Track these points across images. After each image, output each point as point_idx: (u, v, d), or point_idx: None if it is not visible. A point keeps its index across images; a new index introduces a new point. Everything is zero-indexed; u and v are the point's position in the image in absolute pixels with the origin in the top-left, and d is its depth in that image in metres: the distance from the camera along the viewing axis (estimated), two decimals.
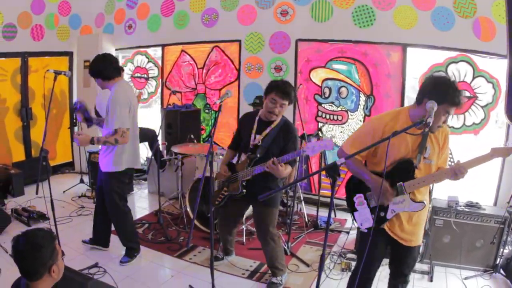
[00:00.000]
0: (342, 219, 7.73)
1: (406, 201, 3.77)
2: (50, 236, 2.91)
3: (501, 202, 6.80)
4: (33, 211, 7.07)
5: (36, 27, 10.12)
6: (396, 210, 3.81)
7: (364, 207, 3.95)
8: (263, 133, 5.02)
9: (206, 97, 9.79)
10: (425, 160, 3.75)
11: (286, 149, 4.88)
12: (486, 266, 5.80)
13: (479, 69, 7.01)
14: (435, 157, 3.78)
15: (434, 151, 3.77)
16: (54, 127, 10.44)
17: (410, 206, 3.78)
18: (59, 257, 2.89)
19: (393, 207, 3.82)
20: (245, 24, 8.94)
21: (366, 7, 7.70)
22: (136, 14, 10.33)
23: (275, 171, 4.63)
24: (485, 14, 6.85)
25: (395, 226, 3.91)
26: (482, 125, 7.09)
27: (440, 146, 3.81)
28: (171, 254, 6.24)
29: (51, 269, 2.82)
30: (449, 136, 3.88)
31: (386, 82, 7.75)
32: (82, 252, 6.00)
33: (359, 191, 4.00)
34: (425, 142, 3.72)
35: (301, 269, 5.90)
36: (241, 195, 5.16)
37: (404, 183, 3.75)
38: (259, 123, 5.10)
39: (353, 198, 4.03)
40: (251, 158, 5.03)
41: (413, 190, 3.77)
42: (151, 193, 9.07)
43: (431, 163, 3.77)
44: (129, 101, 5.53)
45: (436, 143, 3.78)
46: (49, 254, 2.82)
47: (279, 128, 5.01)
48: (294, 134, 5.02)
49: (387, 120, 3.83)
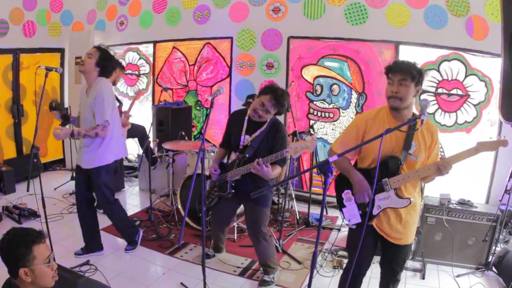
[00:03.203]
0: (333, 217, 7.72)
1: (391, 197, 3.82)
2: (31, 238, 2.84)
3: (493, 200, 6.84)
4: (24, 209, 7.02)
5: (28, 23, 10.08)
6: (382, 206, 3.86)
7: (352, 203, 3.99)
8: (252, 135, 5.01)
9: (197, 94, 9.78)
10: (410, 156, 3.78)
11: (275, 149, 4.85)
12: (478, 264, 5.82)
13: (472, 68, 7.04)
14: (421, 154, 3.79)
15: (420, 148, 3.78)
16: (45, 124, 10.37)
17: (395, 202, 3.82)
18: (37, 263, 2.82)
19: (378, 203, 3.86)
20: (237, 21, 8.93)
21: (358, 4, 7.71)
22: (128, 11, 10.29)
23: (260, 172, 4.64)
24: (478, 13, 6.88)
25: (383, 224, 3.93)
26: (474, 123, 7.13)
27: (427, 144, 3.81)
28: (163, 251, 6.22)
29: (20, 271, 2.77)
30: (437, 134, 3.87)
31: (378, 79, 7.76)
32: (73, 250, 5.94)
33: (347, 187, 4.05)
34: (411, 139, 3.75)
35: (293, 266, 5.91)
36: (230, 195, 5.17)
37: (389, 179, 3.80)
38: (249, 123, 5.09)
39: (342, 194, 4.07)
40: (240, 158, 5.04)
41: (398, 185, 3.80)
42: (142, 190, 9.04)
43: (416, 159, 3.79)
44: (113, 96, 5.65)
45: (423, 140, 3.80)
46: (20, 256, 2.77)
47: (268, 128, 5.00)
48: (283, 134, 5.00)
49: (368, 116, 3.97)
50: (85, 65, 5.38)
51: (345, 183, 4.09)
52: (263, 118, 4.94)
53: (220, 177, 5.25)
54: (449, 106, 7.25)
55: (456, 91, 7.18)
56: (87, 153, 5.55)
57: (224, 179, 5.17)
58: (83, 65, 5.39)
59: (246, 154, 4.99)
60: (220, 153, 5.53)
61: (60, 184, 9.03)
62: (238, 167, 5.01)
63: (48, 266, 2.85)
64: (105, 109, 5.34)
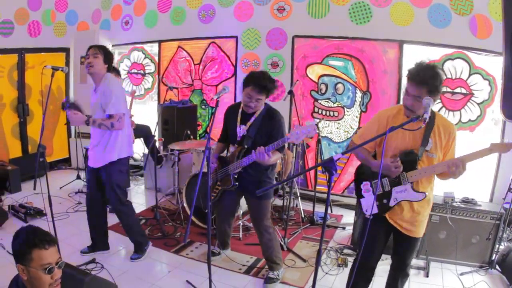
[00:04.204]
0: (338, 215, 7.77)
1: (408, 190, 3.96)
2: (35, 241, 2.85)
3: (497, 199, 6.84)
4: (30, 207, 7.07)
5: (33, 23, 10.14)
6: (399, 198, 4.00)
7: (370, 194, 4.19)
8: (247, 124, 5.05)
9: (202, 93, 9.80)
10: (427, 153, 3.89)
11: (273, 135, 4.91)
12: (482, 262, 5.82)
13: (476, 66, 7.05)
14: (437, 151, 3.88)
15: (436, 146, 3.87)
16: (50, 123, 10.44)
17: (411, 195, 3.95)
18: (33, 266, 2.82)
19: (395, 195, 4.02)
20: (242, 20, 8.96)
21: (362, 3, 7.73)
22: (133, 10, 10.32)
23: (262, 159, 4.66)
24: (482, 12, 6.90)
25: (396, 215, 4.06)
26: (478, 122, 7.13)
27: (443, 143, 3.89)
28: (168, 249, 6.25)
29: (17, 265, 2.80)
30: (455, 134, 3.94)
31: (382, 78, 7.77)
32: (79, 248, 5.98)
33: (366, 179, 4.25)
34: (428, 136, 3.85)
35: (298, 264, 5.92)
36: (234, 187, 5.21)
37: (407, 173, 3.92)
38: (243, 114, 5.14)
39: (360, 186, 4.28)
40: (239, 150, 5.09)
41: (415, 180, 3.93)
42: (148, 189, 9.06)
43: (433, 156, 3.88)
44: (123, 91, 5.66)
45: (439, 138, 3.87)
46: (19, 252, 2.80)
47: (262, 115, 5.04)
48: (278, 119, 5.04)
49: (391, 112, 4.10)
50: (94, 65, 5.36)
51: (364, 175, 4.28)
52: (257, 108, 5.00)
53: (222, 171, 5.30)
54: (453, 104, 7.26)
55: (460, 89, 7.19)
56: (95, 151, 5.55)
57: (227, 172, 5.22)
58: (92, 67, 5.35)
59: (245, 145, 5.04)
60: (218, 147, 5.58)
61: (65, 183, 9.07)
62: (239, 159, 5.05)
63: (44, 273, 2.85)
64: (118, 101, 5.35)
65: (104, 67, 5.47)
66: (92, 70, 5.38)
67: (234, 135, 5.19)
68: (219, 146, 5.58)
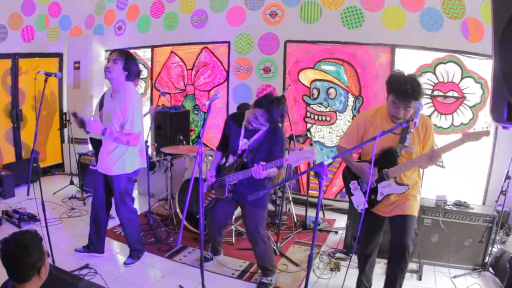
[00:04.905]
0: (331, 219, 7.78)
1: (392, 185, 4.38)
2: (36, 237, 2.91)
3: (489, 201, 6.87)
4: (24, 213, 7.05)
5: (26, 28, 10.13)
6: (385, 192, 4.42)
7: (359, 191, 4.66)
8: (251, 139, 5.05)
9: (195, 98, 9.82)
10: (406, 148, 4.30)
11: (273, 153, 4.92)
12: (475, 264, 5.84)
13: (468, 70, 7.10)
14: (415, 146, 4.28)
15: (414, 141, 4.27)
16: (44, 128, 10.43)
17: (395, 188, 4.38)
18: (46, 258, 2.90)
19: (381, 190, 4.43)
20: (234, 25, 8.99)
21: (354, 8, 7.77)
22: (126, 15, 10.34)
23: (258, 176, 4.71)
24: (474, 15, 6.95)
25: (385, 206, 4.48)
26: (471, 125, 7.18)
27: (421, 136, 4.27)
28: (161, 254, 6.25)
29: (40, 270, 2.84)
30: (431, 127, 4.34)
31: (374, 83, 7.80)
32: (73, 254, 5.97)
33: (353, 178, 4.70)
34: (405, 133, 4.18)
35: (290, 268, 5.93)
36: (227, 199, 5.22)
37: (389, 169, 4.33)
38: (246, 128, 5.10)
39: (349, 184, 4.74)
40: (238, 162, 5.08)
41: (397, 174, 4.33)
42: (141, 194, 9.02)
43: (412, 151, 4.30)
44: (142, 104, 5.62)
45: (417, 133, 4.25)
46: (38, 256, 2.84)
47: (266, 132, 5.03)
48: (281, 137, 5.04)
49: (367, 116, 4.52)
50: (112, 71, 5.26)
51: (351, 175, 4.72)
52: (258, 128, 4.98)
53: (218, 180, 5.29)
54: (445, 108, 7.29)
55: (452, 93, 7.23)
56: (109, 158, 5.47)
57: (222, 182, 5.20)
58: (110, 72, 5.25)
59: (245, 159, 5.03)
60: (217, 156, 5.53)
61: (59, 188, 9.05)
62: (236, 171, 5.05)
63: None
64: (137, 120, 5.32)
65: (123, 74, 5.33)
66: (109, 75, 5.30)
67: (235, 147, 5.17)
68: (218, 155, 5.52)
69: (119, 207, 5.71)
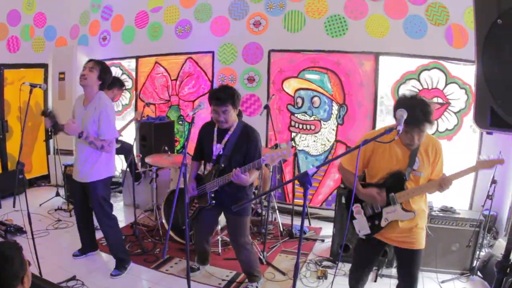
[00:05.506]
0: (317, 228, 7.80)
1: (397, 211, 4.08)
2: (16, 246, 2.86)
3: (476, 206, 6.94)
4: (10, 225, 7.03)
5: (12, 38, 10.13)
6: (389, 218, 4.13)
7: (361, 216, 4.33)
8: (222, 142, 5.05)
9: (179, 108, 9.81)
10: (414, 172, 4.04)
11: (249, 154, 4.93)
12: (463, 269, 5.89)
13: (452, 76, 7.15)
14: (424, 170, 4.03)
15: (423, 164, 4.02)
16: (29, 140, 10.41)
17: (401, 215, 4.07)
18: (28, 267, 2.84)
19: (386, 215, 4.14)
20: (218, 35, 9.01)
21: (338, 16, 7.79)
22: (110, 26, 10.34)
23: (239, 180, 4.70)
24: (458, 21, 7.01)
25: (390, 232, 4.19)
26: (455, 131, 7.22)
27: (430, 160, 4.05)
28: (148, 266, 6.23)
29: (23, 280, 2.78)
30: (440, 150, 4.11)
31: (358, 90, 7.83)
32: (60, 265, 5.96)
33: (356, 202, 4.39)
34: (415, 156, 3.99)
35: (277, 277, 5.93)
36: (211, 206, 5.21)
37: (396, 194, 4.07)
38: (218, 131, 5.13)
39: (351, 208, 4.36)
40: (215, 169, 5.08)
41: (404, 200, 4.06)
42: (126, 205, 9.02)
43: (420, 175, 4.04)
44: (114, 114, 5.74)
45: (426, 157, 4.03)
46: (19, 265, 2.78)
47: (238, 133, 5.03)
48: (255, 137, 5.04)
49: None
50: (87, 78, 5.42)
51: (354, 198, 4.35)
52: (229, 122, 4.99)
53: (199, 189, 5.29)
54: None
55: (436, 99, 7.25)
56: (84, 166, 5.59)
57: (203, 190, 5.20)
58: (86, 79, 5.42)
59: (222, 164, 5.03)
60: (193, 167, 5.54)
61: (45, 200, 9.00)
62: (215, 178, 5.04)
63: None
64: (112, 127, 5.50)
65: (97, 83, 5.52)
66: (84, 82, 5.45)
67: (209, 154, 5.18)
68: (194, 165, 5.54)
69: (100, 218, 5.82)
